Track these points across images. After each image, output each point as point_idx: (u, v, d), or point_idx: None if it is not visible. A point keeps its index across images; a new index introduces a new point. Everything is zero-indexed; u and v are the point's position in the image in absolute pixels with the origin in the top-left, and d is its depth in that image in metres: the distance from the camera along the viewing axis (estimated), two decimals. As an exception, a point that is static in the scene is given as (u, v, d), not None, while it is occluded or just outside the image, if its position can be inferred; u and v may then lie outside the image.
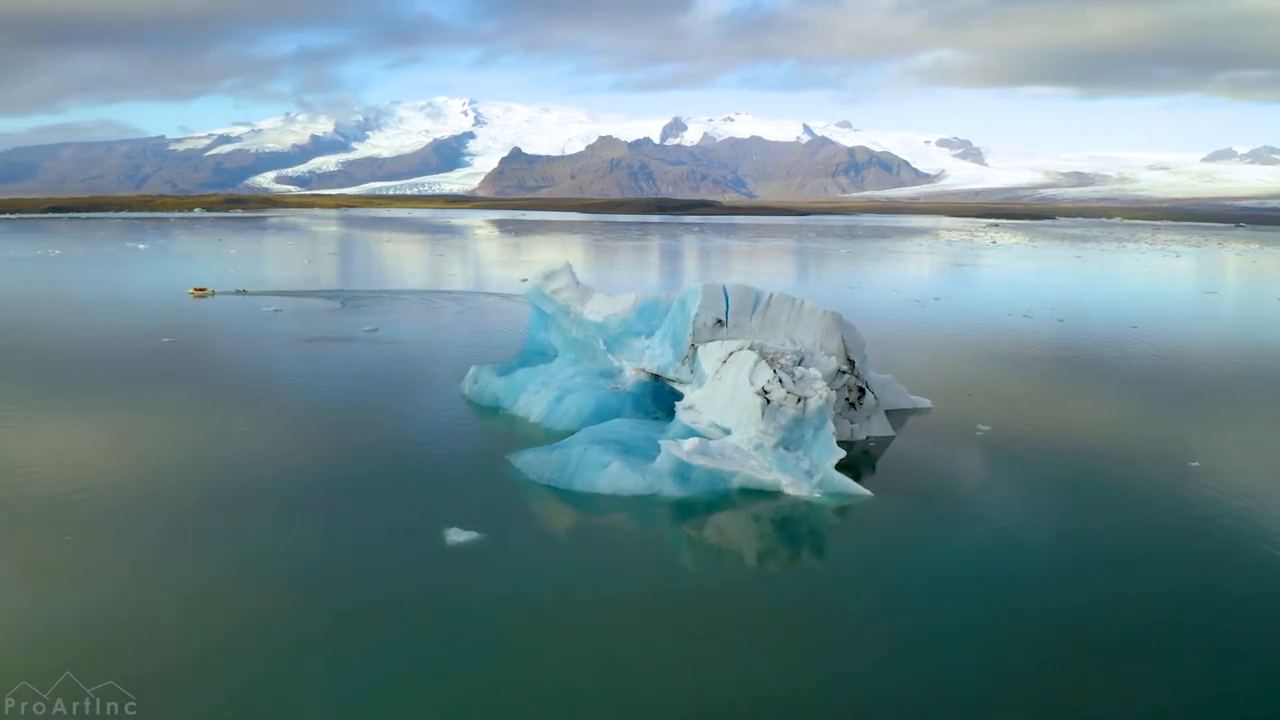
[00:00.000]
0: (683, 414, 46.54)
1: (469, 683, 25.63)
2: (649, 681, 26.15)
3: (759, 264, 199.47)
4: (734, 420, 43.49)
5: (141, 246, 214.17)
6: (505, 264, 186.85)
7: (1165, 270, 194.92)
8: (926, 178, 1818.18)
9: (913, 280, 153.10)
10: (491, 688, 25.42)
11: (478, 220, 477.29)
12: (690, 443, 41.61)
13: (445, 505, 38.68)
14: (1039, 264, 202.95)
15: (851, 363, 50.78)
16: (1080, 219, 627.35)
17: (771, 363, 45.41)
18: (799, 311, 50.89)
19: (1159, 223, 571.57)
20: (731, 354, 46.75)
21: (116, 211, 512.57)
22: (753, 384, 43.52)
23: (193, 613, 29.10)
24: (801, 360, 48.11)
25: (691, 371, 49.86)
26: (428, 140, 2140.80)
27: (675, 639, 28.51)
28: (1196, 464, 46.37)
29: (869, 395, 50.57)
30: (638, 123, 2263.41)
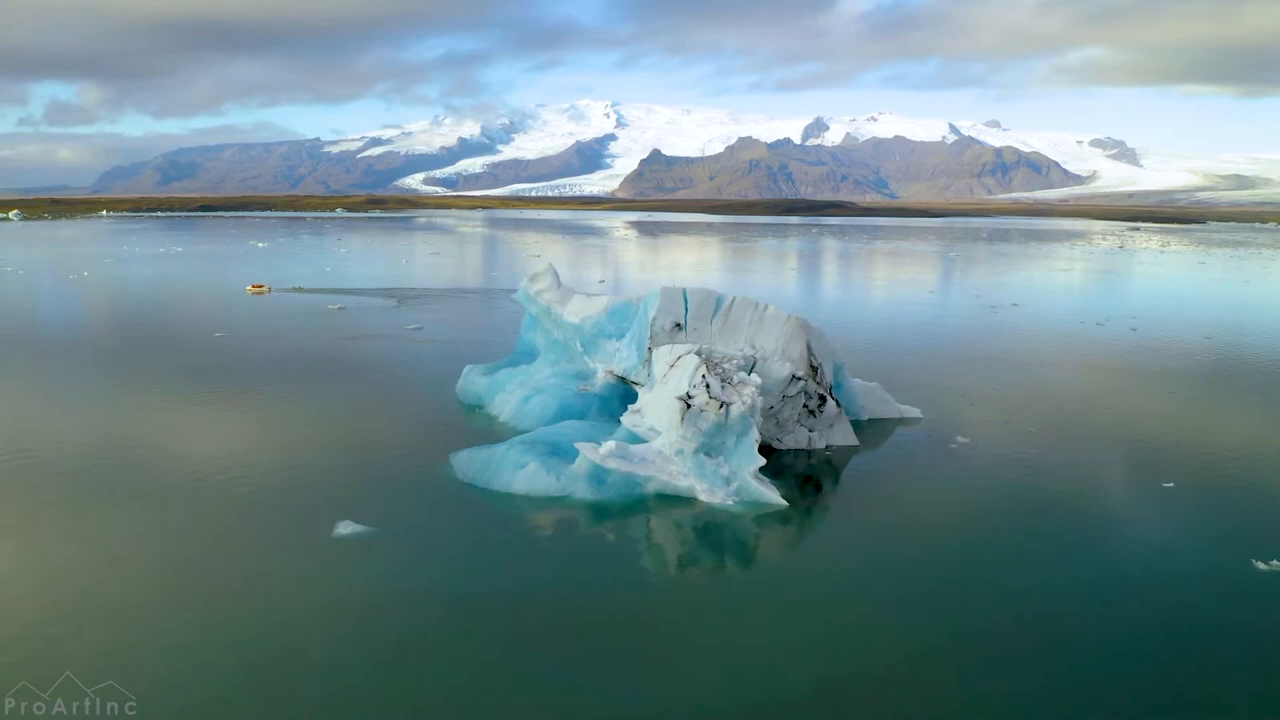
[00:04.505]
0: (628, 417, 46.27)
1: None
2: (471, 683, 26.12)
3: (845, 266, 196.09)
4: (665, 424, 43.09)
5: (261, 245, 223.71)
6: (591, 265, 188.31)
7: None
8: (1077, 179, 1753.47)
9: (1002, 285, 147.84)
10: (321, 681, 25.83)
11: (603, 221, 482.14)
12: (607, 446, 41.39)
13: (357, 499, 39.27)
14: (1152, 269, 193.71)
15: (814, 369, 49.61)
16: (1232, 223, 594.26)
17: (714, 368, 44.84)
18: (761, 316, 50.01)
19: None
20: (680, 358, 46.26)
21: (261, 211, 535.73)
22: (689, 388, 43.02)
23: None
24: (754, 366, 47.36)
25: (649, 375, 49.55)
26: (570, 142, 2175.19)
27: (526, 641, 28.29)
28: (1170, 485, 43.71)
29: (830, 403, 49.32)
30: (778, 123, 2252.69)
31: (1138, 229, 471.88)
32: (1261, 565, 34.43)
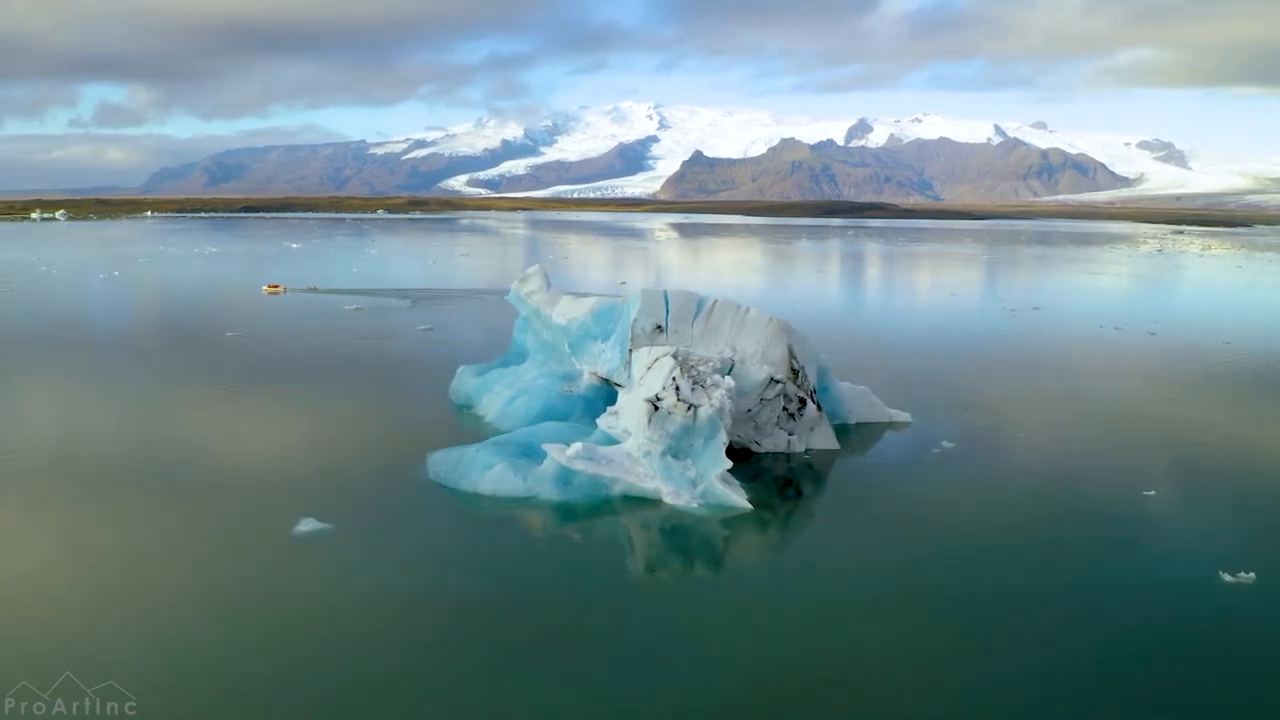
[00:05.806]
0: (604, 419, 46.36)
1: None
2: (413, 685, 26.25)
3: (873, 268, 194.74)
4: (635, 426, 43.08)
5: (295, 246, 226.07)
6: (618, 266, 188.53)
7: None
8: (1124, 181, 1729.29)
9: (1029, 288, 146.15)
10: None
11: (643, 223, 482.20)
12: (574, 447, 41.44)
13: (329, 498, 39.45)
14: (1186, 272, 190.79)
15: (795, 372, 49.35)
16: (1279, 227, 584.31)
17: (690, 370, 44.75)
18: (742, 319, 49.82)
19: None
20: (657, 360, 46.23)
21: (304, 212, 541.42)
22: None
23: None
24: (731, 369, 47.22)
25: (629, 377, 49.57)
26: (613, 144, 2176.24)
27: (482, 640, 28.44)
28: (1152, 492, 42.87)
29: (810, 406, 49.04)
30: (821, 125, 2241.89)
31: (1181, 232, 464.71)
32: (1229, 577, 33.72)
